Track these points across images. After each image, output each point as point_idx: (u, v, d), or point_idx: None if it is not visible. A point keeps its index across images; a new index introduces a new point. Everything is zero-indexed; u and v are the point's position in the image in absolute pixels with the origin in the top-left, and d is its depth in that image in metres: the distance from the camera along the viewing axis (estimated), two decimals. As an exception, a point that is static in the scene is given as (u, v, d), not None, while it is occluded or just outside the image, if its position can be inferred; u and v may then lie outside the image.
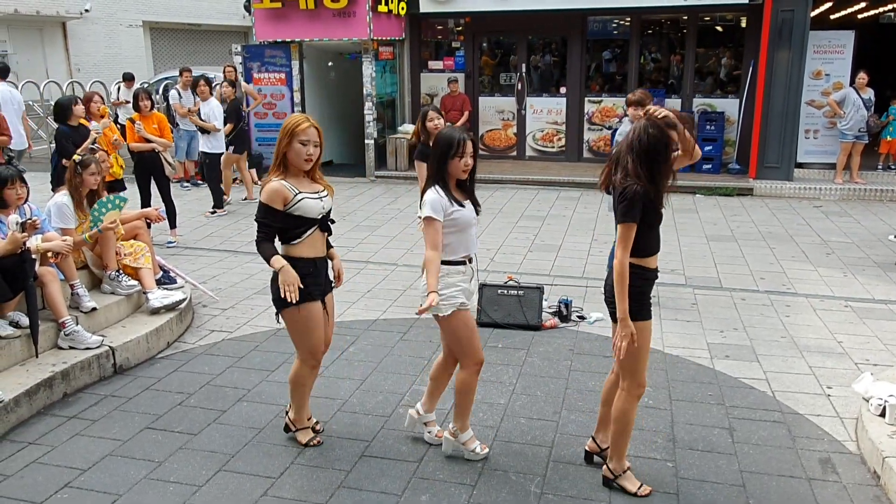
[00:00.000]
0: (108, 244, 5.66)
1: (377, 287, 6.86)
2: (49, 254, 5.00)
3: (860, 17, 15.43)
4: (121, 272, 5.75)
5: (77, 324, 5.09)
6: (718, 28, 12.89)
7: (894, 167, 11.65)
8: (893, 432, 3.90)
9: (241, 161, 10.70)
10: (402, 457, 4.01)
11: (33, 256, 4.82)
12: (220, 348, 5.53)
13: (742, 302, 6.40)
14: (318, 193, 3.78)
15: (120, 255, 5.82)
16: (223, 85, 10.67)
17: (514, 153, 13.35)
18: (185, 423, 4.40)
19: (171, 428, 4.34)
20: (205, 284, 6.81)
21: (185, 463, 3.97)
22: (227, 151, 10.04)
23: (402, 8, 12.56)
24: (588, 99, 12.87)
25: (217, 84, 12.16)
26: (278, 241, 3.78)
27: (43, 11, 19.63)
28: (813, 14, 11.10)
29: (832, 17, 14.84)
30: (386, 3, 11.96)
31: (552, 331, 5.80)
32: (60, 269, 5.21)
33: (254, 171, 12.09)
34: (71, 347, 4.99)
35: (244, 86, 11.82)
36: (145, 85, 13.80)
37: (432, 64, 13.53)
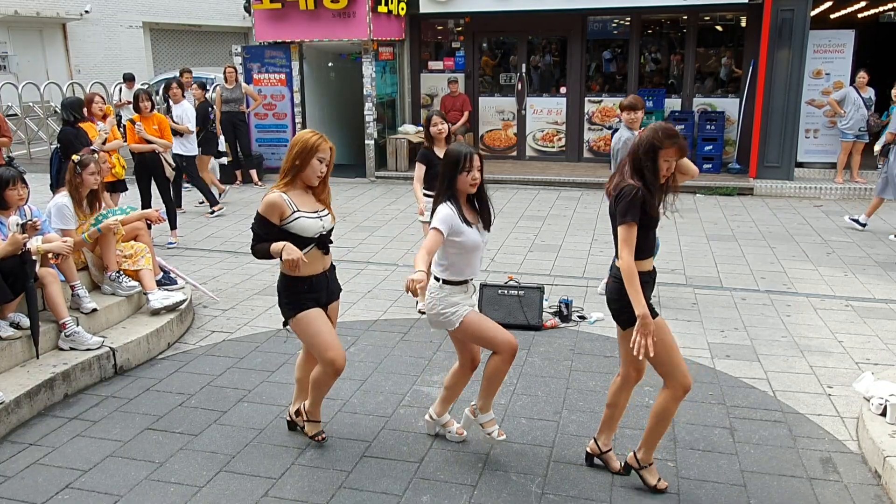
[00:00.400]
0: (109, 245, 5.67)
1: (377, 288, 6.86)
2: (49, 255, 5.00)
3: (860, 16, 15.43)
4: (121, 273, 5.75)
5: (78, 325, 5.09)
6: (718, 28, 12.89)
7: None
8: (894, 431, 3.90)
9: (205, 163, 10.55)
10: (403, 457, 4.01)
11: (34, 258, 4.82)
12: (221, 349, 5.53)
13: (743, 301, 6.40)
14: (318, 213, 3.78)
15: (119, 258, 5.83)
16: (214, 88, 10.55)
17: (515, 153, 13.35)
18: (185, 423, 4.40)
19: (172, 429, 4.34)
20: (205, 285, 6.81)
21: (186, 464, 3.97)
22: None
23: (402, 8, 12.56)
24: (588, 99, 12.87)
25: (216, 85, 12.20)
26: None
27: (43, 13, 19.65)
28: (813, 13, 11.09)
29: (832, 16, 14.83)
30: (386, 4, 11.96)
31: (553, 331, 5.80)
32: (61, 271, 5.21)
33: (254, 172, 12.13)
34: (71, 348, 5.00)
35: (244, 86, 11.82)
36: (146, 86, 13.81)
37: (432, 64, 13.53)
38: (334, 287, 3.98)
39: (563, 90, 12.99)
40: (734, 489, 3.69)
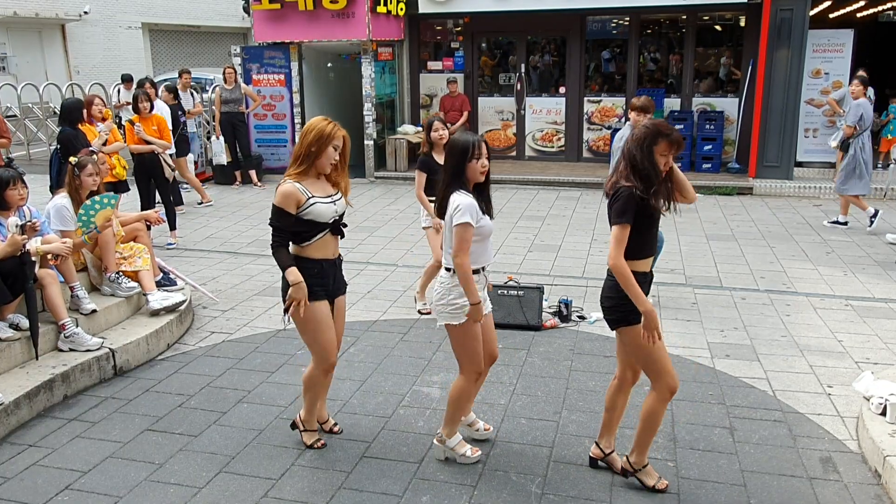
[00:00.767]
0: (108, 246, 5.66)
1: (377, 288, 6.86)
2: (49, 256, 5.00)
3: (859, 15, 15.43)
4: (120, 274, 5.75)
5: (77, 326, 5.09)
6: (717, 27, 12.89)
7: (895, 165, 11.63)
8: (894, 431, 3.90)
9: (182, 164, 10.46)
10: (403, 458, 4.00)
11: (33, 259, 4.82)
12: (221, 350, 5.53)
13: (742, 301, 6.40)
14: (332, 197, 3.78)
15: (118, 259, 5.82)
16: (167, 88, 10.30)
17: (514, 153, 13.35)
18: (185, 424, 4.40)
19: (172, 430, 4.34)
20: (205, 286, 6.80)
21: (186, 464, 3.97)
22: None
23: (401, 8, 12.56)
24: (587, 99, 12.87)
25: (216, 86, 12.20)
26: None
27: (42, 14, 19.65)
28: (812, 13, 11.09)
29: (831, 15, 14.82)
30: (385, 4, 11.96)
31: (552, 331, 5.80)
32: (60, 272, 5.20)
33: (253, 173, 12.12)
34: (71, 349, 4.99)
35: (244, 87, 11.82)
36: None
37: (431, 64, 13.52)
38: (341, 278, 3.97)
39: (562, 90, 12.99)
40: (734, 489, 3.69)
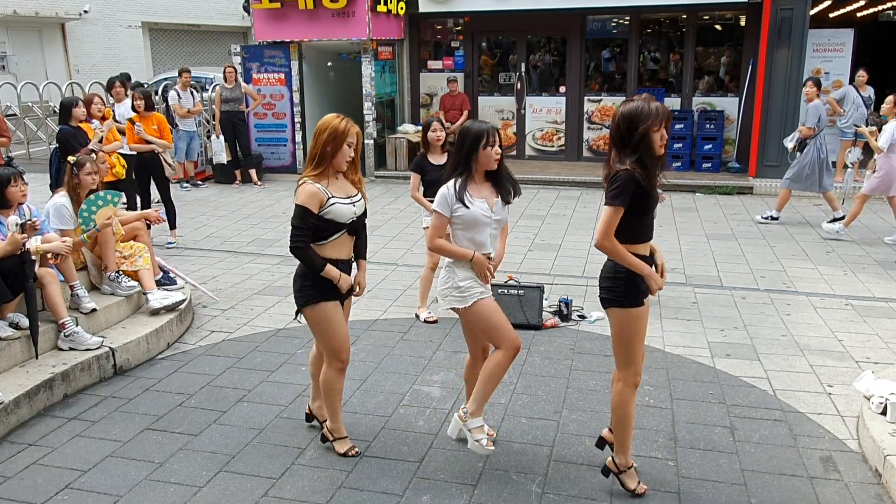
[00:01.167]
0: (108, 245, 5.66)
1: (377, 287, 6.86)
2: (49, 255, 5.00)
3: (859, 15, 15.43)
4: (120, 273, 5.74)
5: (77, 325, 5.08)
6: (718, 27, 12.89)
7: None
8: (894, 430, 3.89)
9: None
10: (403, 457, 4.00)
11: (33, 258, 4.82)
12: (221, 349, 5.53)
13: (742, 301, 6.39)
14: (351, 198, 3.78)
15: (118, 258, 5.82)
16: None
17: (514, 153, 13.33)
18: (185, 423, 4.40)
19: (172, 429, 4.34)
20: (204, 285, 6.80)
21: (186, 464, 3.97)
22: None
23: (401, 8, 12.55)
24: (587, 98, 12.86)
25: (216, 84, 12.19)
26: None
27: (42, 12, 19.65)
28: (812, 12, 11.09)
29: (831, 15, 14.82)
30: (385, 3, 11.95)
31: (553, 330, 5.79)
32: (60, 271, 5.20)
33: (253, 172, 12.11)
34: (71, 348, 4.99)
35: (244, 86, 11.82)
36: (144, 85, 13.78)
37: (431, 63, 13.52)
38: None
39: (562, 89, 12.98)
40: (735, 488, 3.69)
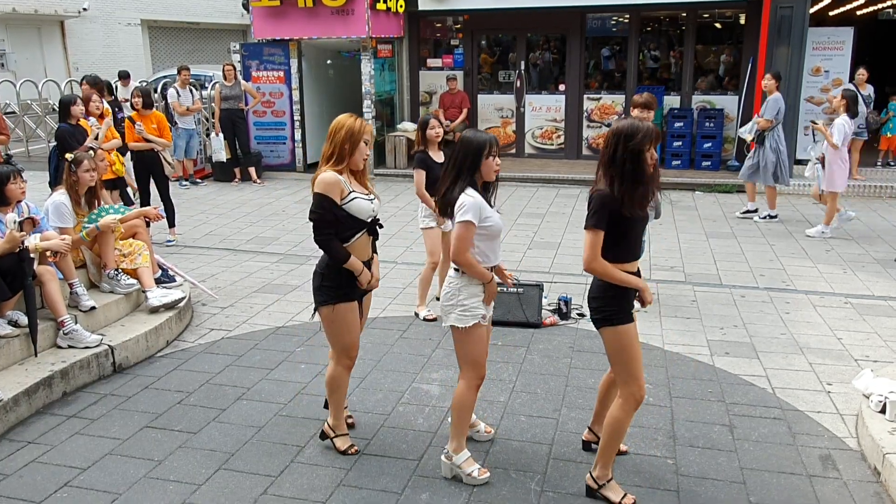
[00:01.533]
0: (107, 243, 5.66)
1: (377, 285, 6.85)
2: (48, 253, 4.99)
3: (859, 13, 15.42)
4: (119, 271, 5.74)
5: (76, 323, 5.08)
6: (717, 25, 12.88)
7: (893, 163, 11.65)
8: (894, 429, 3.90)
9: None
10: (402, 455, 4.00)
11: (31, 255, 4.82)
12: (220, 347, 5.53)
13: (742, 299, 6.40)
14: (369, 196, 3.79)
15: (117, 256, 5.82)
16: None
17: (514, 151, 13.33)
18: (184, 421, 4.40)
19: (171, 426, 4.34)
20: (204, 283, 6.80)
21: (185, 461, 3.97)
22: None
23: (401, 6, 12.54)
24: (587, 96, 12.86)
25: (215, 82, 12.18)
26: None
27: (41, 10, 19.61)
28: (812, 10, 11.09)
29: (831, 13, 14.82)
30: (384, 1, 11.93)
31: (552, 328, 5.80)
32: (59, 269, 5.20)
33: (252, 170, 12.10)
34: (70, 346, 4.99)
35: (244, 84, 11.81)
36: (144, 83, 13.77)
37: (431, 62, 13.51)
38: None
39: (561, 87, 12.97)
40: (734, 486, 3.69)
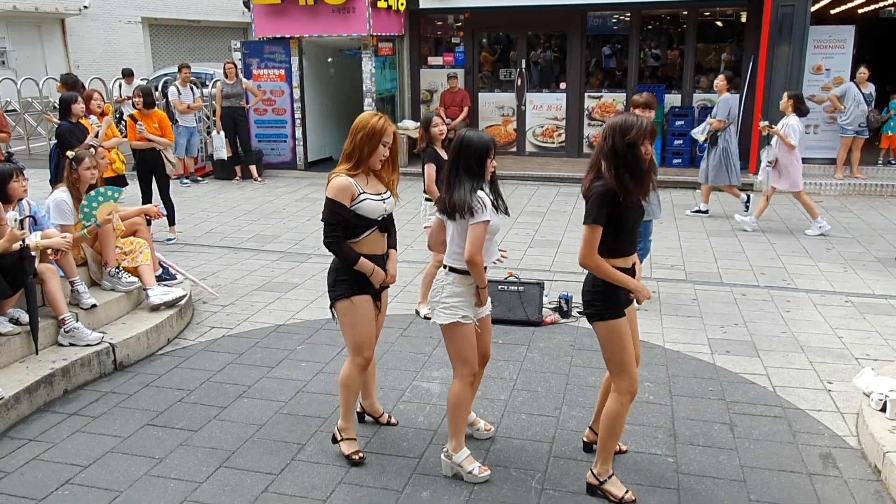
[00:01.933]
0: (108, 241, 5.66)
1: (377, 283, 6.85)
2: (49, 250, 4.99)
3: (860, 12, 15.39)
4: (120, 269, 5.74)
5: (77, 320, 5.09)
6: (718, 23, 12.87)
7: (894, 162, 11.64)
8: (894, 427, 3.90)
9: None
10: (403, 453, 4.00)
11: (32, 253, 4.82)
12: (221, 345, 5.53)
13: (742, 297, 6.39)
14: (381, 195, 3.79)
15: (118, 254, 5.81)
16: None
17: (514, 149, 13.33)
18: (185, 419, 4.40)
19: (172, 424, 4.34)
20: (205, 281, 6.80)
21: (186, 459, 3.97)
22: None
23: (402, 4, 12.54)
24: (588, 95, 12.85)
25: (216, 80, 12.18)
26: None
27: (42, 8, 19.62)
28: (813, 9, 11.08)
29: (832, 12, 14.79)
30: (385, -1, 11.95)
31: (552, 327, 5.80)
32: (60, 266, 5.20)
33: (253, 168, 12.11)
34: (71, 344, 4.99)
35: (244, 82, 11.81)
36: (145, 81, 13.77)
37: (432, 60, 13.51)
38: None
39: (562, 86, 12.97)
40: (734, 484, 3.69)
